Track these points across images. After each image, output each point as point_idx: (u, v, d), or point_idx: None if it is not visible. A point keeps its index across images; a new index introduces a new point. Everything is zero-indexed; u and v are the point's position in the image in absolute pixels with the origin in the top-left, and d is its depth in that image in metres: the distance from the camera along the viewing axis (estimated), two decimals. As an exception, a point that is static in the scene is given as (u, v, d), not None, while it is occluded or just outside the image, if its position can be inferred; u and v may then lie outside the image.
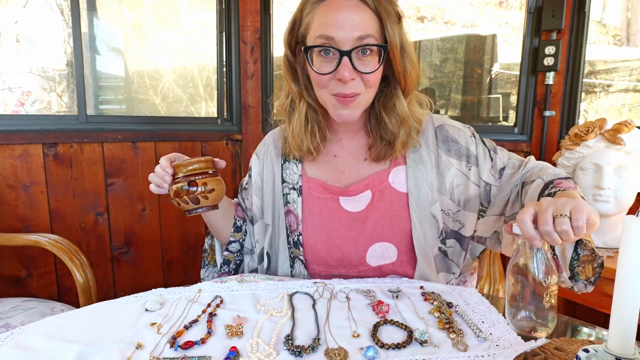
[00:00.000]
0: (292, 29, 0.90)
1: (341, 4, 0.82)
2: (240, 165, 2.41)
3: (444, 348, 0.60)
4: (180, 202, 0.85)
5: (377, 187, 0.93)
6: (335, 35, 0.81)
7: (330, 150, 0.99)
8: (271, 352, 0.59)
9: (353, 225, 0.92)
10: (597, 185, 1.52)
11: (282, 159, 1.01)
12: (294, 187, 0.97)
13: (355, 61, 0.82)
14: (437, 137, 0.96)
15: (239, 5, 2.30)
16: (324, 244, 0.93)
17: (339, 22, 0.81)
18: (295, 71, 0.93)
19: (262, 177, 1.03)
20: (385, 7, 0.83)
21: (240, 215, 1.07)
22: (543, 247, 0.63)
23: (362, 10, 0.82)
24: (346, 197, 0.94)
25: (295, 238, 0.95)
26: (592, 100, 2.47)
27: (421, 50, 2.85)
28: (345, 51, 0.80)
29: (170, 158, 0.90)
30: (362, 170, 0.95)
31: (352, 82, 0.83)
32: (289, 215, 0.97)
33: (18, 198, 1.80)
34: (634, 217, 0.47)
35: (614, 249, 1.58)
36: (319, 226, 0.94)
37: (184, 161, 0.85)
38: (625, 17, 2.78)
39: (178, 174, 0.85)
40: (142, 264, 2.16)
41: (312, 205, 0.95)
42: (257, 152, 1.08)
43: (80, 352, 0.59)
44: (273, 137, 1.06)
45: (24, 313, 1.33)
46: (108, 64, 2.29)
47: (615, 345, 0.49)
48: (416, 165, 0.93)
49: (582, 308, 1.78)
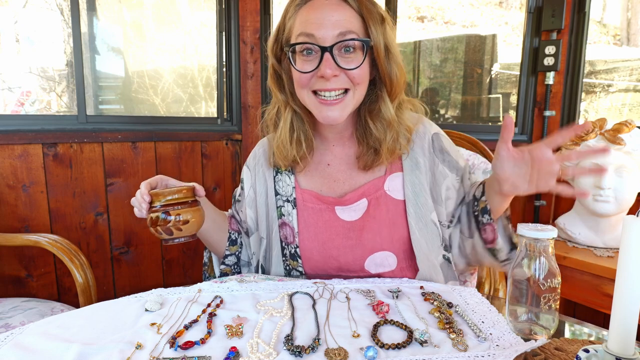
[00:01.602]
0: (277, 36, 0.90)
1: (322, 2, 0.82)
2: (240, 165, 2.41)
3: (444, 348, 0.60)
4: (155, 232, 0.83)
5: (372, 195, 0.91)
6: (315, 33, 0.80)
7: (322, 159, 0.97)
8: (271, 352, 0.59)
9: (349, 234, 0.91)
10: (597, 185, 1.52)
11: (274, 171, 0.99)
12: (288, 200, 0.95)
13: (337, 58, 0.81)
14: (434, 144, 0.94)
15: (238, 5, 2.30)
16: (321, 255, 0.92)
17: (319, 20, 0.81)
18: (280, 79, 0.92)
19: (254, 189, 1.01)
20: (367, 7, 0.83)
21: (234, 229, 1.05)
22: (546, 250, 0.63)
23: (343, 9, 0.82)
24: (342, 207, 0.92)
25: (292, 250, 0.94)
26: (592, 100, 2.47)
27: (421, 50, 2.85)
28: (325, 47, 0.80)
29: (151, 183, 0.86)
30: (357, 179, 0.94)
31: (334, 79, 0.82)
32: (284, 228, 0.95)
33: (18, 198, 1.80)
34: (634, 217, 0.47)
35: (614, 249, 1.58)
36: (315, 238, 0.92)
37: (161, 190, 0.82)
38: (625, 17, 2.78)
39: (155, 203, 0.82)
40: (142, 264, 2.16)
41: (307, 217, 0.93)
42: (248, 164, 1.05)
43: (80, 352, 0.59)
44: (263, 148, 1.03)
45: (24, 313, 1.33)
46: (108, 64, 2.29)
47: (615, 345, 0.49)
48: (412, 172, 0.91)
49: (582, 308, 1.78)
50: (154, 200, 0.82)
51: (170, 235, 0.82)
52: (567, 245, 1.66)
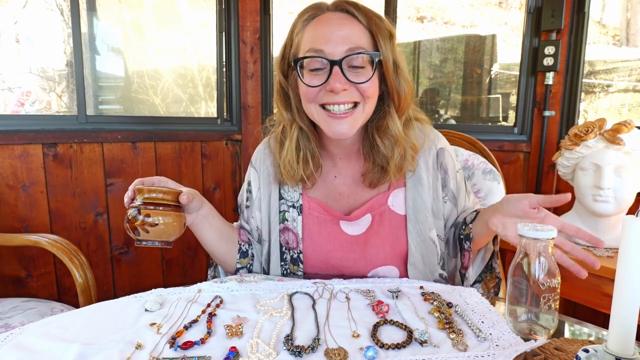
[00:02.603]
0: (284, 52, 0.89)
1: (330, 16, 0.82)
2: (240, 165, 2.41)
3: (443, 348, 0.60)
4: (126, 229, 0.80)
5: (376, 211, 0.92)
6: (324, 48, 0.79)
7: (329, 172, 0.96)
8: (271, 352, 0.59)
9: (353, 248, 0.91)
10: (597, 185, 1.52)
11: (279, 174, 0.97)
12: (293, 205, 0.94)
13: (347, 72, 0.80)
14: (438, 159, 0.94)
15: (238, 5, 2.30)
16: (323, 264, 0.93)
17: (327, 35, 0.80)
18: (287, 97, 0.91)
19: (261, 190, 0.99)
20: (377, 23, 0.83)
21: (244, 240, 1.01)
22: (546, 249, 0.63)
23: (352, 24, 0.81)
24: (347, 222, 0.92)
25: (294, 255, 0.94)
26: (591, 100, 2.47)
27: (421, 50, 2.85)
28: (335, 60, 0.79)
29: (144, 181, 0.85)
30: (362, 194, 0.94)
31: (344, 92, 0.81)
32: (286, 233, 0.94)
33: (18, 198, 1.80)
34: (634, 217, 0.47)
35: (614, 249, 1.58)
36: (319, 247, 0.92)
37: (146, 187, 0.79)
38: (625, 17, 2.78)
39: (136, 199, 0.79)
40: (142, 264, 2.16)
41: (312, 225, 0.93)
42: (254, 165, 1.02)
43: (80, 352, 0.59)
44: (270, 149, 1.01)
45: (24, 313, 1.33)
46: (108, 64, 2.29)
47: (615, 345, 0.49)
48: (415, 188, 0.92)
49: (582, 308, 1.78)
50: (136, 196, 0.80)
51: (137, 235, 0.79)
52: (566, 245, 1.66)
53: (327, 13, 0.84)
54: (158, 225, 0.78)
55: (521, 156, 2.09)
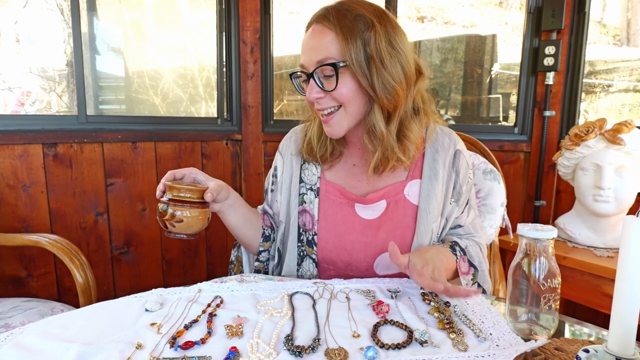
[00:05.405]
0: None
1: (312, 29, 0.88)
2: (240, 165, 2.42)
3: (444, 348, 0.60)
4: (158, 221, 0.90)
5: (392, 198, 0.95)
6: (303, 62, 0.88)
7: (349, 159, 1.01)
8: (271, 352, 0.59)
9: (366, 231, 0.94)
10: (597, 185, 1.53)
11: (301, 159, 1.03)
12: (311, 188, 0.99)
13: (323, 81, 0.86)
14: (455, 160, 0.97)
15: (238, 5, 2.30)
16: (335, 246, 0.95)
17: (305, 49, 0.88)
18: None
19: (284, 174, 1.05)
20: (348, 25, 0.83)
21: (267, 224, 1.07)
22: (546, 250, 0.63)
23: (323, 35, 0.85)
24: (362, 205, 0.95)
25: (310, 237, 0.97)
26: (592, 101, 2.47)
27: (421, 50, 2.85)
28: (309, 74, 0.86)
29: (175, 174, 0.92)
30: (379, 181, 0.97)
31: (321, 100, 0.87)
32: (303, 215, 0.99)
33: (18, 198, 1.80)
34: (634, 217, 0.47)
35: (614, 249, 1.58)
36: (333, 229, 0.96)
37: (176, 184, 0.88)
38: (625, 17, 2.78)
39: (167, 194, 0.88)
40: (142, 264, 2.16)
41: (327, 207, 0.97)
42: (281, 150, 1.09)
43: (80, 352, 0.59)
44: (295, 136, 1.07)
45: (24, 313, 1.33)
46: (108, 64, 2.29)
47: (615, 345, 0.49)
48: (430, 180, 0.94)
49: (582, 308, 1.78)
50: (166, 192, 0.88)
51: (166, 228, 0.88)
52: (567, 245, 1.66)
53: (312, 26, 0.88)
54: (183, 221, 0.87)
55: (521, 156, 2.09)
